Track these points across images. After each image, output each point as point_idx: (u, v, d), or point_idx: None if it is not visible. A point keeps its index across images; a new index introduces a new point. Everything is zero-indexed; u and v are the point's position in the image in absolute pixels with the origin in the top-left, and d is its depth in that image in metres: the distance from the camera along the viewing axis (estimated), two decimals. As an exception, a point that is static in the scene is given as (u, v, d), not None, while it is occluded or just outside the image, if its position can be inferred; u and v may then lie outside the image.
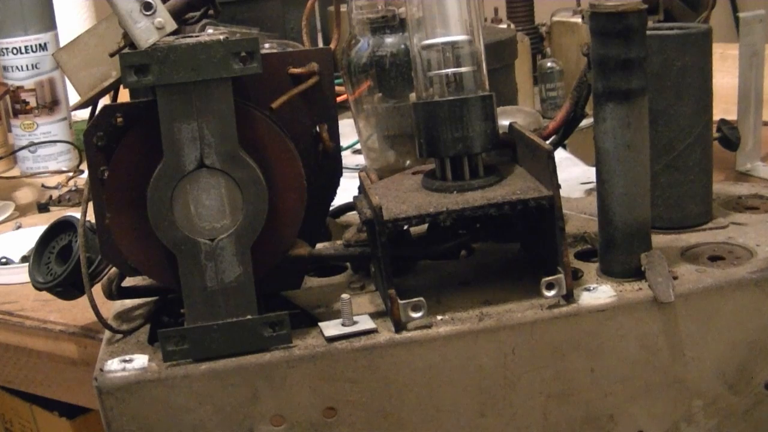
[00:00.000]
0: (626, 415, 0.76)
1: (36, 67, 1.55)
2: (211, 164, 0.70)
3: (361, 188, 0.78)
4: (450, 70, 0.78)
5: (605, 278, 0.77)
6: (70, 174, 1.54)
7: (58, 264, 0.84)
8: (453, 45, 0.78)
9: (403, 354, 0.72)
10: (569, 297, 0.73)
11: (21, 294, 1.07)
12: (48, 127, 1.58)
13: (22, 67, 1.55)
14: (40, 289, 0.84)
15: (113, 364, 0.72)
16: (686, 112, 0.84)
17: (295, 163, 0.73)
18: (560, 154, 1.13)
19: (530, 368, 0.73)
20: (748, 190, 0.95)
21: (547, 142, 0.85)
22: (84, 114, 1.50)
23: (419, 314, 0.72)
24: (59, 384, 1.03)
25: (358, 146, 1.22)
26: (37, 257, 0.85)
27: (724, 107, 1.08)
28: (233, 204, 0.71)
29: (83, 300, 0.79)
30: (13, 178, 1.58)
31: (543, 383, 0.74)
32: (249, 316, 0.71)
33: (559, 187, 0.72)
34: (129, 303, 0.82)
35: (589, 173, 1.11)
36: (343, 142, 1.03)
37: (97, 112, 0.73)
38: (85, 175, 0.74)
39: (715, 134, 1.00)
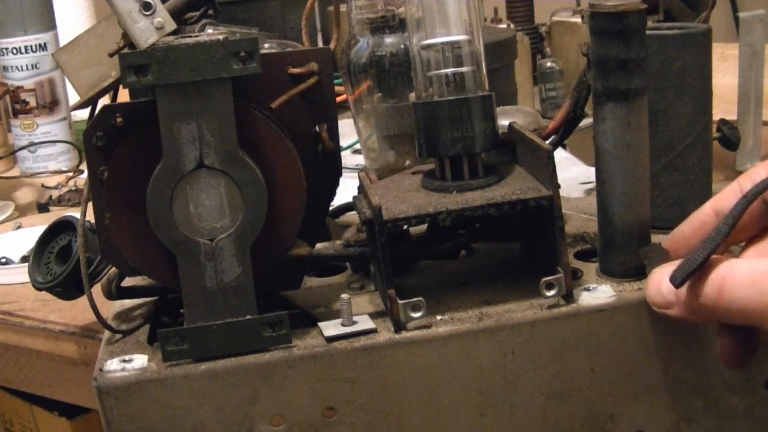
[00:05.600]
0: (626, 415, 0.76)
1: (36, 67, 1.56)
2: (210, 164, 0.70)
3: (361, 188, 0.78)
4: (450, 70, 0.78)
5: (605, 278, 0.77)
6: (70, 174, 1.54)
7: (58, 264, 0.84)
8: (452, 45, 0.78)
9: (403, 354, 0.72)
10: (569, 297, 0.73)
11: (21, 294, 1.07)
12: (48, 127, 1.59)
13: (22, 67, 1.55)
14: (39, 289, 0.84)
15: (113, 364, 0.72)
16: (686, 112, 0.84)
17: (295, 163, 0.73)
18: (560, 154, 1.13)
19: (530, 368, 0.73)
20: (748, 190, 0.95)
21: (547, 142, 0.85)
22: (84, 114, 1.50)
23: (419, 314, 0.72)
24: (59, 384, 1.03)
25: (357, 146, 1.22)
26: (37, 257, 0.85)
27: (724, 107, 1.09)
28: (233, 204, 0.71)
29: (83, 300, 0.79)
30: (13, 178, 1.59)
31: (543, 383, 0.74)
32: (248, 316, 0.71)
33: (558, 187, 0.72)
34: (129, 303, 0.82)
35: (589, 173, 1.11)
36: (343, 142, 1.03)
37: (96, 112, 0.73)
38: (85, 175, 0.74)
39: (715, 134, 1.00)
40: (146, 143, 0.71)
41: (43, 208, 1.37)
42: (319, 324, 0.74)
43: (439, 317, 0.73)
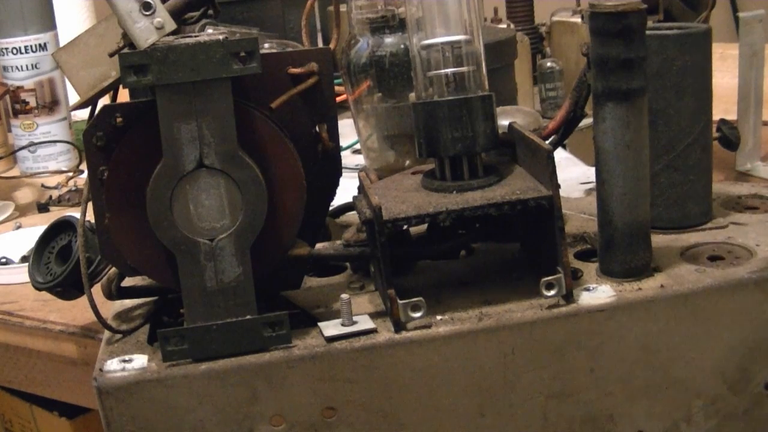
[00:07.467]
0: (626, 415, 0.76)
1: (36, 67, 1.56)
2: (210, 164, 0.70)
3: (361, 188, 0.78)
4: (450, 70, 0.78)
5: (605, 278, 0.77)
6: (70, 174, 1.54)
7: (58, 264, 0.84)
8: (453, 45, 0.78)
9: (403, 354, 0.72)
10: (569, 297, 0.73)
11: (21, 294, 1.07)
12: (48, 127, 1.58)
13: (22, 67, 1.55)
14: (39, 289, 0.84)
15: (113, 364, 0.72)
16: (686, 112, 0.84)
17: (295, 163, 0.73)
18: (560, 154, 1.13)
19: (530, 368, 0.73)
20: (748, 190, 0.95)
21: (547, 142, 0.84)
22: (84, 114, 1.50)
23: (419, 314, 0.72)
24: (59, 384, 1.03)
25: (357, 146, 1.22)
26: (37, 257, 0.85)
27: (724, 107, 1.08)
28: (233, 204, 0.71)
29: (83, 300, 0.79)
30: (13, 178, 1.59)
31: (543, 383, 0.74)
32: (248, 316, 0.71)
33: (558, 187, 0.72)
34: (128, 303, 0.82)
35: (589, 173, 1.11)
36: (343, 142, 1.03)
37: (96, 112, 0.73)
38: (85, 175, 0.74)
39: (715, 134, 1.00)
40: (146, 143, 0.71)
41: (43, 208, 1.37)
42: (319, 324, 0.74)
43: (439, 317, 0.73)
